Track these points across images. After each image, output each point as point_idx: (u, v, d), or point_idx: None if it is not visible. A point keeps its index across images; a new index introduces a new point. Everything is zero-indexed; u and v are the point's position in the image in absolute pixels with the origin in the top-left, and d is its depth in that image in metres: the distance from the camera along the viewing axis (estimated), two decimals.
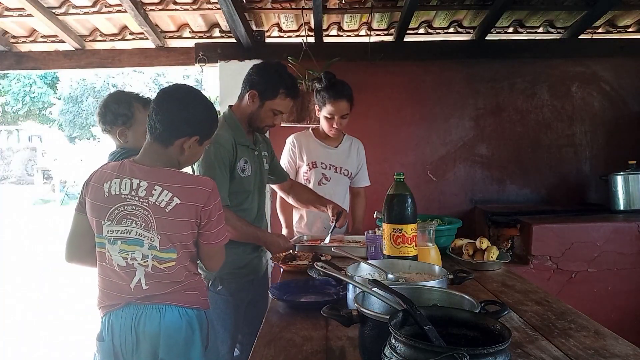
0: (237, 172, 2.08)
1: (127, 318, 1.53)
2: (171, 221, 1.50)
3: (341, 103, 2.60)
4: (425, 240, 1.84)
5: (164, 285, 1.54)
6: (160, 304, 1.53)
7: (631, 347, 1.24)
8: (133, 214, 1.51)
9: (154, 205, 1.50)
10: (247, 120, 2.15)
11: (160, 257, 1.52)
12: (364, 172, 2.86)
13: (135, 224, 1.51)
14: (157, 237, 1.50)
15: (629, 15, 3.44)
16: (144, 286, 1.52)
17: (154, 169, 1.54)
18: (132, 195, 1.51)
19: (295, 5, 3.15)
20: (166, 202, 1.50)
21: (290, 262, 2.08)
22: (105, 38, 3.49)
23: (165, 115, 1.55)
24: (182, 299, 1.56)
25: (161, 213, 1.50)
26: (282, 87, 2.10)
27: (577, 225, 2.95)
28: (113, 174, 1.54)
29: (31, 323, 4.85)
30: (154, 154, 1.58)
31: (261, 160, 2.26)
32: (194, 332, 1.57)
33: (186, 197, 1.51)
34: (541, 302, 1.60)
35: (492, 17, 3.21)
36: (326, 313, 1.16)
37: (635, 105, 3.58)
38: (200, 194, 1.53)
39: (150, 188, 1.51)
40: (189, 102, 1.59)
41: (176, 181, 1.53)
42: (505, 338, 0.85)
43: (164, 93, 1.60)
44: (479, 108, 3.56)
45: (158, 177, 1.52)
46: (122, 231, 1.51)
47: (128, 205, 1.51)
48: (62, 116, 22.51)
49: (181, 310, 1.56)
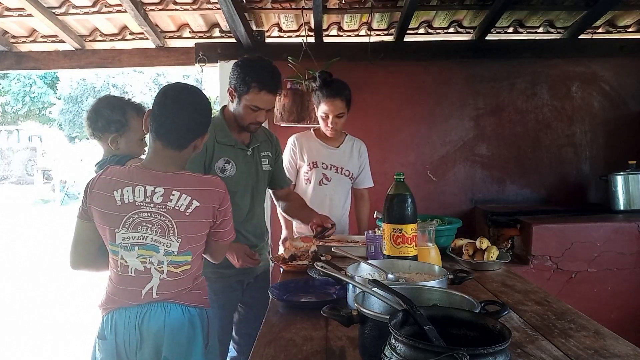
0: (214, 171, 2.03)
1: (131, 316, 1.53)
2: (192, 223, 1.55)
3: (336, 102, 2.58)
4: (425, 240, 1.84)
5: (172, 290, 1.56)
6: (165, 302, 1.55)
7: (631, 347, 1.24)
8: (148, 221, 1.52)
9: (173, 210, 1.53)
10: (234, 119, 2.10)
11: (176, 262, 1.55)
12: (366, 173, 2.84)
13: (150, 230, 1.52)
14: (176, 241, 1.53)
15: (629, 15, 3.44)
16: (155, 294, 1.54)
17: (168, 174, 1.56)
18: (147, 202, 1.52)
19: (295, 5, 3.15)
20: (186, 205, 1.53)
21: (291, 262, 2.08)
22: (105, 38, 3.49)
23: (178, 122, 1.56)
24: (186, 297, 1.58)
25: (181, 217, 1.53)
26: (254, 80, 1.98)
27: (577, 225, 2.95)
28: (123, 182, 1.54)
29: (29, 323, 4.84)
30: (167, 159, 1.58)
31: (257, 161, 2.19)
32: (195, 330, 1.58)
33: (204, 199, 1.55)
34: (541, 302, 1.60)
35: (492, 17, 3.21)
36: (326, 313, 1.17)
37: (635, 105, 3.58)
38: (217, 195, 1.58)
39: (167, 194, 1.53)
40: (196, 103, 1.61)
41: (192, 185, 1.56)
42: (505, 338, 0.85)
43: (168, 98, 1.58)
44: (479, 108, 3.56)
45: (174, 183, 1.55)
46: (138, 237, 1.52)
47: (143, 213, 1.52)
48: (62, 116, 22.51)
49: (184, 308, 1.57)
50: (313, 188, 2.70)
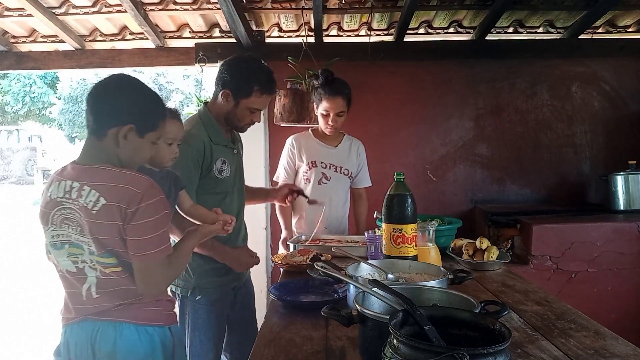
0: (213, 173, 1.98)
1: (83, 334, 1.41)
2: (98, 224, 1.35)
3: (337, 100, 2.59)
4: (425, 240, 1.84)
5: (116, 296, 1.40)
6: (116, 321, 1.40)
7: (631, 347, 1.24)
8: (68, 218, 1.38)
9: (83, 207, 1.35)
10: (223, 119, 2.05)
11: (103, 262, 1.38)
12: (365, 173, 2.85)
13: (71, 228, 1.38)
14: (92, 241, 1.36)
15: (629, 15, 3.44)
16: (94, 294, 1.39)
17: (86, 167, 1.41)
18: (67, 198, 1.38)
19: (295, 5, 3.15)
20: (93, 202, 1.34)
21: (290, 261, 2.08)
22: (105, 38, 3.49)
23: (96, 104, 1.44)
24: (141, 315, 1.43)
25: (89, 215, 1.35)
26: (257, 84, 1.96)
27: (577, 225, 2.95)
28: (55, 177, 1.44)
29: (29, 323, 4.84)
30: (91, 150, 1.45)
31: (240, 159, 2.18)
32: (154, 351, 1.43)
33: (111, 196, 1.34)
34: (541, 302, 1.60)
35: (492, 17, 3.21)
36: (326, 313, 1.17)
37: (635, 105, 3.57)
38: (126, 193, 1.34)
39: (80, 189, 1.37)
40: (121, 89, 1.46)
41: (104, 179, 1.37)
42: (505, 338, 0.85)
43: (97, 84, 1.47)
44: (479, 108, 3.56)
45: (89, 177, 1.38)
46: (65, 235, 1.39)
47: (64, 209, 1.39)
48: (62, 116, 22.53)
49: (140, 328, 1.41)
50: (312, 188, 2.70)
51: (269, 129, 3.46)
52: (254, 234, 2.63)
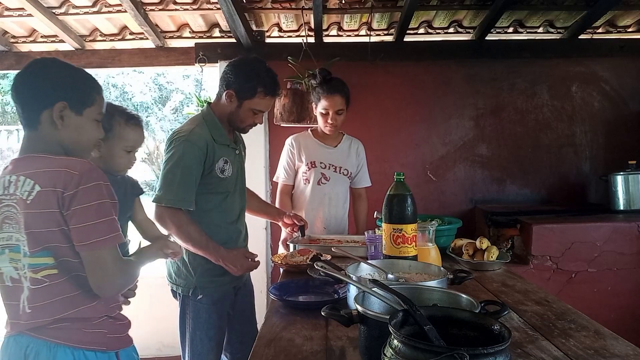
0: (215, 172, 1.99)
1: (18, 349, 1.28)
2: (33, 214, 1.22)
3: (335, 98, 2.59)
4: (425, 240, 1.84)
5: (51, 309, 1.26)
6: (52, 342, 1.26)
7: (631, 347, 1.24)
8: (9, 217, 1.27)
9: (19, 200, 1.24)
10: (226, 119, 2.07)
11: (34, 265, 1.25)
12: (364, 173, 2.85)
13: (12, 227, 1.26)
14: (26, 239, 1.24)
15: (629, 15, 3.44)
16: (27, 309, 1.26)
17: (22, 157, 1.32)
18: (5, 194, 1.28)
19: (295, 5, 3.15)
20: (28, 192, 1.23)
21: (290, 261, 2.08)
22: (105, 38, 3.49)
23: (20, 93, 1.32)
24: (79, 338, 1.28)
25: (24, 206, 1.23)
26: (260, 86, 1.99)
27: (577, 225, 2.95)
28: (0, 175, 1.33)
29: None
30: (29, 143, 1.33)
31: (242, 160, 2.20)
32: None
33: (46, 182, 1.23)
34: (541, 302, 1.60)
35: (492, 17, 3.21)
36: (326, 313, 1.17)
37: (635, 105, 3.57)
38: (62, 176, 1.22)
39: (17, 181, 1.26)
40: (43, 70, 1.34)
41: (39, 166, 1.26)
42: (505, 338, 0.85)
43: (17, 73, 1.35)
44: (479, 108, 3.56)
45: (25, 167, 1.28)
46: (5, 238, 1.27)
47: (3, 207, 1.28)
48: None
49: (77, 352, 1.27)
50: (312, 188, 2.70)
51: (269, 129, 3.46)
52: (254, 234, 2.63)
